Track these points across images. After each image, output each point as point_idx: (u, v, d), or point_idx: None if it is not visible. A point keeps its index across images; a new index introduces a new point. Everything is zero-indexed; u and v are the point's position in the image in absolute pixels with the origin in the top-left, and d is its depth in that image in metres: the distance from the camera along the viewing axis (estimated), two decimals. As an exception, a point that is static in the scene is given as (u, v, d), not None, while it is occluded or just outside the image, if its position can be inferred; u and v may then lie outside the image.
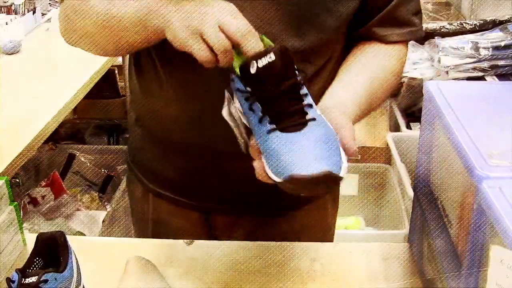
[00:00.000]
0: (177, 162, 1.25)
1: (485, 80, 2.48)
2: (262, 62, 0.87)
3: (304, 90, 0.91)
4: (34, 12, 2.75)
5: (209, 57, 0.91)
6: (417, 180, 1.17)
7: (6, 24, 2.58)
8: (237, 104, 0.94)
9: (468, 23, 2.70)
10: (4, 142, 1.77)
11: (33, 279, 0.94)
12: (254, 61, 0.88)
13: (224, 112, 0.96)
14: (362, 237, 2.24)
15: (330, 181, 0.86)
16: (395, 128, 2.70)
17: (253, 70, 0.88)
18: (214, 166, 1.21)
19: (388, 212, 2.48)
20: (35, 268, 1.00)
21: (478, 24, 2.69)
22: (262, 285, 1.14)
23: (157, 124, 1.23)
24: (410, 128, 2.65)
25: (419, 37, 1.20)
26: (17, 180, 2.44)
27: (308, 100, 0.91)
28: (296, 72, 0.90)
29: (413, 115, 2.73)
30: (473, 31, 2.67)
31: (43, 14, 2.83)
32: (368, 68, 1.13)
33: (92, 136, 2.93)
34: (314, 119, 0.90)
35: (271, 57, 0.88)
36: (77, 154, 2.64)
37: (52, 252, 1.03)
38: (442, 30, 2.69)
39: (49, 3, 2.94)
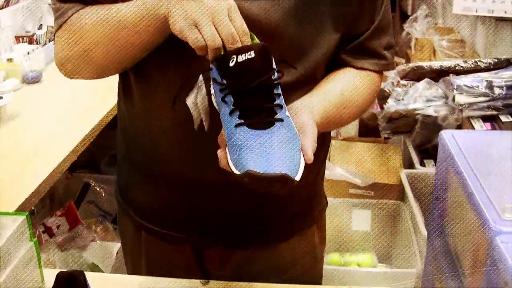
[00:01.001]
0: (167, 196, 1.26)
1: (499, 118, 2.49)
2: (242, 57, 0.91)
3: (277, 91, 0.95)
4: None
5: (201, 45, 0.95)
6: (430, 226, 1.19)
7: (28, 53, 2.60)
8: (212, 91, 0.97)
9: (482, 61, 2.72)
10: (23, 174, 1.78)
11: (52, 318, 0.96)
12: (234, 56, 0.91)
13: (189, 100, 1.00)
14: (374, 275, 2.23)
15: (285, 183, 0.90)
16: (409, 165, 2.71)
17: (231, 64, 0.91)
18: (204, 198, 1.23)
19: (400, 249, 2.48)
20: (53, 307, 1.02)
21: (492, 63, 2.70)
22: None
23: (146, 157, 1.25)
24: (424, 165, 2.66)
25: (388, 70, 1.26)
26: (32, 208, 2.45)
27: (280, 101, 0.95)
28: (273, 72, 0.94)
29: (427, 152, 2.74)
30: (487, 69, 2.68)
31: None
32: (338, 84, 1.17)
33: (107, 165, 2.95)
34: (281, 120, 0.94)
35: (251, 54, 0.91)
36: (92, 184, 2.66)
37: (71, 291, 1.04)
38: (456, 68, 2.70)
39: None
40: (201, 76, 1.07)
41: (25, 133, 2.05)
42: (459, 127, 2.46)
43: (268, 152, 0.90)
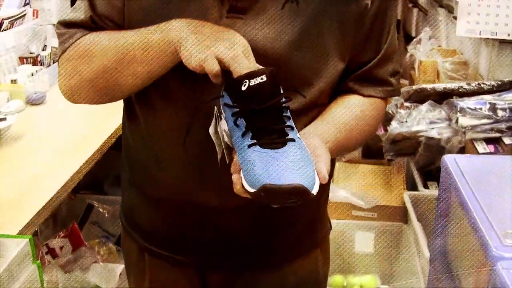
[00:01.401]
0: (171, 219, 1.27)
1: (502, 140, 2.49)
2: (254, 81, 0.94)
3: (287, 113, 0.97)
4: (59, 63, 2.79)
5: (216, 72, 0.98)
6: (433, 251, 1.18)
7: (32, 75, 2.60)
8: (223, 123, 1.00)
9: (485, 84, 2.72)
10: (26, 196, 1.78)
11: None
12: (247, 80, 0.94)
13: (211, 130, 1.02)
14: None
15: (302, 195, 0.91)
16: (412, 187, 2.70)
17: (244, 88, 0.94)
18: (208, 222, 1.23)
19: (403, 271, 2.47)
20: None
21: (495, 85, 2.70)
22: None
23: (150, 181, 1.25)
24: (427, 187, 2.66)
25: (395, 96, 1.27)
26: (35, 229, 2.45)
27: (290, 122, 0.97)
28: (282, 96, 0.97)
29: (430, 174, 2.74)
30: (490, 91, 2.69)
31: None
32: (346, 112, 1.18)
33: (111, 186, 2.95)
34: (293, 140, 0.95)
35: (262, 78, 0.94)
36: (96, 205, 2.66)
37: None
38: (460, 90, 2.71)
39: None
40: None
41: (28, 154, 2.05)
42: (462, 149, 2.46)
43: (282, 167, 0.92)
